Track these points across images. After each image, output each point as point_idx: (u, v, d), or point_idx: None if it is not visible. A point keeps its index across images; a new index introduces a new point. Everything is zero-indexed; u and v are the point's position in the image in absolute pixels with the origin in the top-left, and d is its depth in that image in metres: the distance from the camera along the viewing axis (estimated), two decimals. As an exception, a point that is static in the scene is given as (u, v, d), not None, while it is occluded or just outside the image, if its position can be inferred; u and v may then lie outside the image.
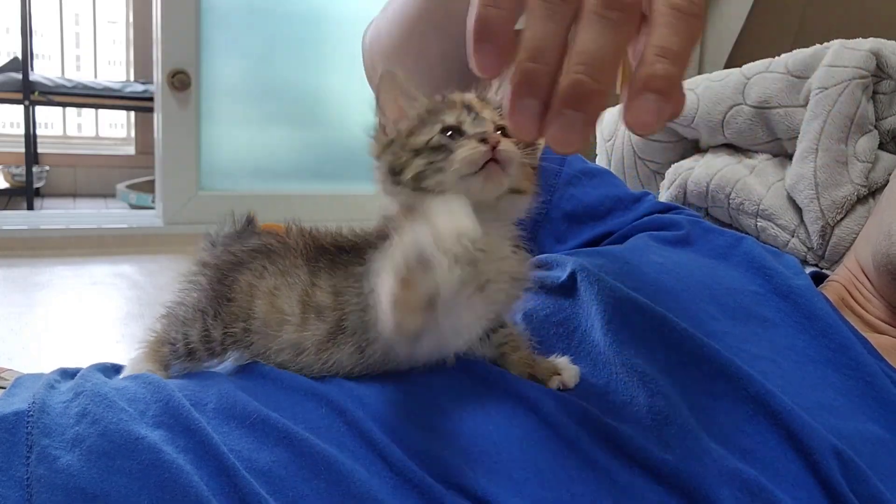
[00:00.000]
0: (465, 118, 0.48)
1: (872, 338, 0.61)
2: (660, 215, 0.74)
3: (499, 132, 0.47)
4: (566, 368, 0.50)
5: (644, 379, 0.48)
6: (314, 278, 0.49)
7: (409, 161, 0.47)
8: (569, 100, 0.34)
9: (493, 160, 0.45)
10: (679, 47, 0.34)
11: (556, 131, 0.35)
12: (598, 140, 1.10)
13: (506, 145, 0.46)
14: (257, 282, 0.50)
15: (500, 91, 0.50)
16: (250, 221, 0.56)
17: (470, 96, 0.50)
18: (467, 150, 0.45)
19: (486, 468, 0.43)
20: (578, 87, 0.34)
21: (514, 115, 0.35)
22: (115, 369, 0.53)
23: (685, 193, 0.94)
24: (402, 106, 0.50)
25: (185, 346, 0.51)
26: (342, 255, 0.50)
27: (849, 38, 0.85)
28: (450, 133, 0.47)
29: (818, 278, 0.76)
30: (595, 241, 0.73)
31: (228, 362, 0.52)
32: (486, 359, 0.51)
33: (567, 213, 0.73)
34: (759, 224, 0.87)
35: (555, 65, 0.35)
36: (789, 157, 0.87)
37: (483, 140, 0.45)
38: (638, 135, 0.36)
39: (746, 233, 0.84)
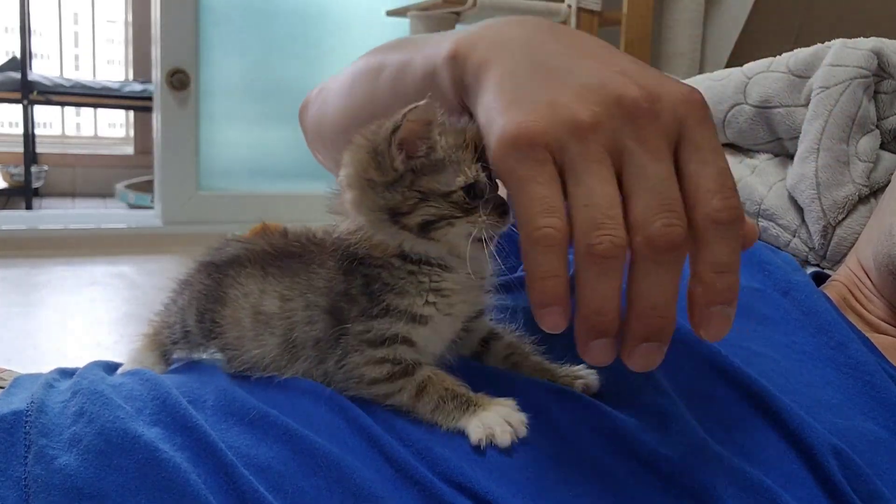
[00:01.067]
0: (480, 175, 0.44)
1: (874, 337, 0.61)
2: None
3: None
4: (588, 373, 0.49)
5: (645, 379, 0.48)
6: (264, 286, 0.48)
7: (419, 206, 0.44)
8: (648, 337, 0.36)
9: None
10: (730, 258, 0.36)
11: (639, 360, 0.37)
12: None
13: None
14: (229, 291, 0.50)
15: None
16: (265, 230, 0.56)
17: (482, 141, 0.45)
18: (490, 223, 0.44)
19: (487, 467, 0.43)
20: (654, 328, 0.36)
21: (591, 354, 0.38)
22: (115, 368, 0.53)
23: (686, 193, 0.94)
24: (421, 144, 0.45)
25: (181, 329, 0.52)
26: (291, 259, 0.49)
27: (850, 38, 0.85)
28: (469, 190, 0.44)
29: (819, 278, 0.75)
30: None
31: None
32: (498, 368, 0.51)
33: None
34: (760, 224, 0.86)
35: (617, 312, 0.37)
36: (790, 156, 0.87)
37: (502, 212, 0.44)
38: (713, 342, 0.38)
39: (748, 233, 0.84)
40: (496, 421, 0.44)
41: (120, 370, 0.52)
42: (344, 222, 0.47)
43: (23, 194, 3.71)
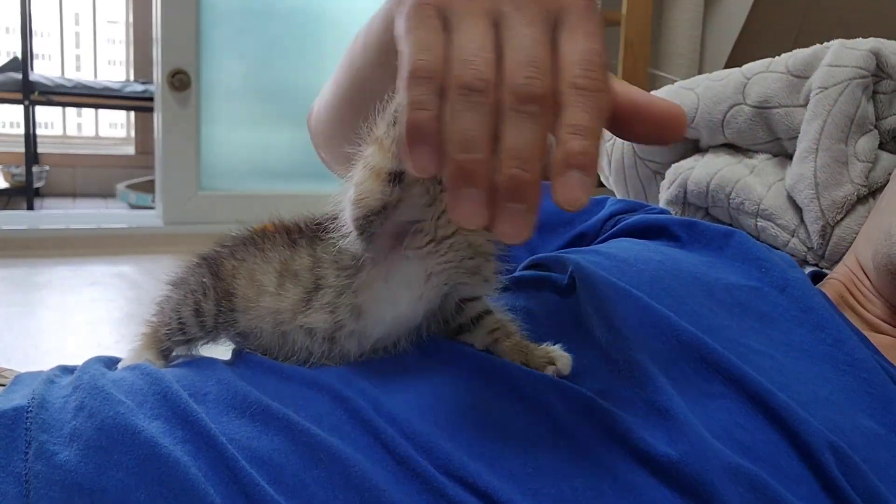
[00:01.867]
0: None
1: (872, 337, 0.61)
2: (640, 220, 0.74)
3: None
4: (560, 357, 0.50)
5: (645, 376, 0.48)
6: (292, 251, 0.51)
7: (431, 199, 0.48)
8: (509, 194, 0.36)
9: None
10: (589, 122, 0.36)
11: (504, 225, 0.36)
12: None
13: None
14: (239, 265, 0.52)
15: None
16: (264, 230, 0.58)
17: None
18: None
19: (487, 461, 0.43)
20: (514, 180, 0.36)
21: (458, 206, 0.36)
22: (116, 363, 0.54)
23: (685, 193, 0.94)
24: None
25: (178, 324, 0.53)
26: (319, 231, 0.51)
27: (849, 38, 0.85)
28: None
29: (818, 278, 0.76)
30: (569, 245, 0.73)
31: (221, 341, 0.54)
32: (479, 346, 0.52)
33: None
34: (759, 224, 0.87)
35: (486, 153, 0.36)
36: (789, 156, 0.87)
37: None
38: (568, 211, 0.38)
39: (747, 233, 0.84)
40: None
41: (119, 366, 0.53)
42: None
43: (24, 194, 3.71)
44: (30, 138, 3.68)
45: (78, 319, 2.04)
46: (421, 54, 0.38)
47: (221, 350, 0.54)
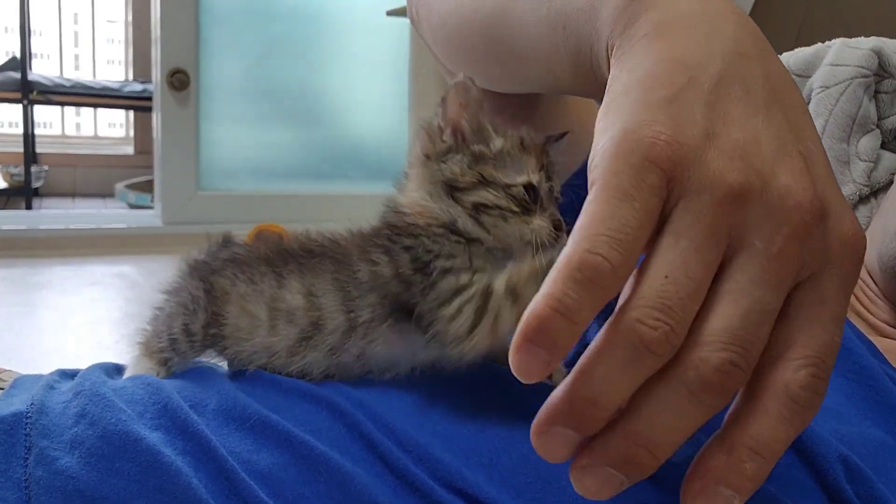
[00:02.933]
0: (543, 183, 0.47)
1: (878, 342, 0.60)
2: None
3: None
4: (556, 371, 0.48)
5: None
6: (281, 283, 0.49)
7: (477, 188, 0.46)
8: (617, 464, 0.28)
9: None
10: (779, 448, 0.28)
11: (591, 481, 0.28)
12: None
13: (562, 241, 0.45)
14: (230, 288, 0.50)
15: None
16: (227, 241, 0.56)
17: (548, 159, 0.49)
18: (544, 230, 0.45)
19: (486, 471, 0.43)
20: (633, 459, 0.28)
21: (546, 437, 0.29)
22: (118, 369, 0.53)
23: (686, 193, 0.94)
24: (466, 119, 0.48)
25: (168, 338, 0.52)
26: (311, 258, 0.49)
27: (851, 37, 0.85)
28: (528, 191, 0.46)
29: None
30: None
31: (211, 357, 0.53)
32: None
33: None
34: (760, 224, 0.86)
35: (613, 413, 0.28)
36: (791, 156, 0.87)
37: (557, 226, 0.45)
38: None
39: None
40: None
41: (123, 377, 0.52)
42: (401, 197, 0.49)
43: (23, 194, 3.71)
44: (28, 138, 3.68)
45: (77, 319, 2.04)
46: (605, 248, 0.27)
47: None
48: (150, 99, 3.33)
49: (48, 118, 4.44)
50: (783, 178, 0.29)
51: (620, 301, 0.28)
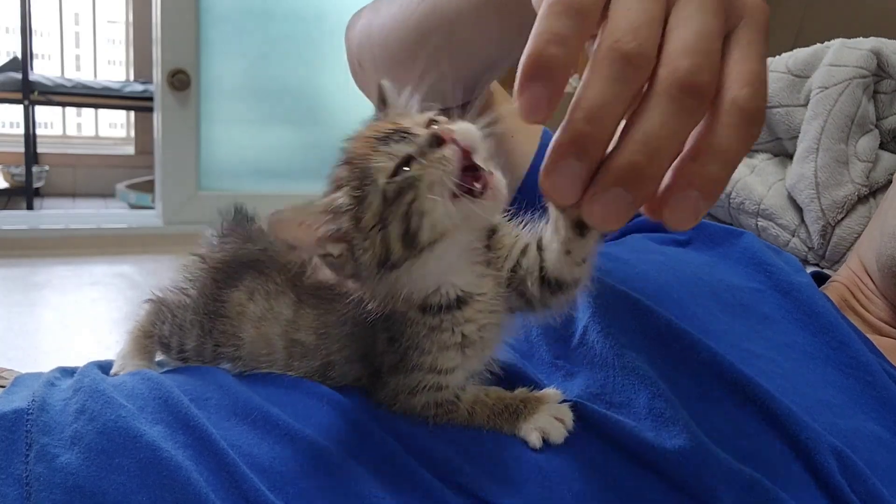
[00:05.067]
0: (399, 147, 0.39)
1: (875, 339, 0.61)
2: None
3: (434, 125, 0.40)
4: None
5: (644, 381, 0.48)
6: (298, 311, 0.46)
7: (386, 231, 0.39)
8: (622, 180, 0.31)
9: (469, 167, 0.38)
10: (737, 152, 0.32)
11: (600, 208, 0.32)
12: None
13: (461, 129, 0.39)
14: (247, 304, 0.48)
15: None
16: (239, 212, 0.53)
17: (381, 124, 0.41)
18: (433, 169, 0.38)
19: (487, 468, 0.43)
20: (636, 169, 0.31)
21: (554, 176, 0.32)
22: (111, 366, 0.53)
23: (685, 193, 0.94)
24: (317, 226, 0.41)
25: (178, 353, 0.51)
26: (324, 287, 0.46)
27: (850, 38, 0.85)
28: (401, 170, 0.39)
29: (819, 278, 0.75)
30: None
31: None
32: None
33: None
34: (759, 224, 0.86)
35: (611, 132, 0.32)
36: (790, 156, 0.87)
37: (436, 142, 0.38)
38: (671, 230, 0.34)
39: (748, 233, 0.84)
40: (548, 422, 0.45)
41: (112, 371, 0.52)
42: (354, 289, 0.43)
43: (24, 194, 3.70)
44: (29, 138, 3.68)
45: (78, 319, 2.04)
46: None
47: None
48: (150, 99, 3.33)
49: (49, 118, 4.44)
50: None
51: (596, 43, 0.33)
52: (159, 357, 0.55)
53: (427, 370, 0.43)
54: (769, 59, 0.91)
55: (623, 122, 0.33)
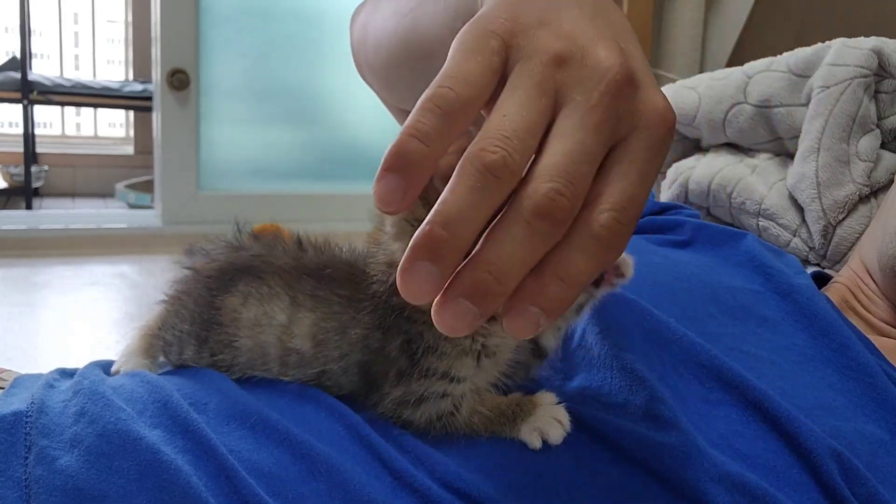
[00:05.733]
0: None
1: (876, 341, 0.60)
2: (654, 217, 0.73)
3: None
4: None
5: (642, 383, 0.48)
6: (293, 314, 0.46)
7: None
8: (469, 294, 0.31)
9: None
10: (584, 275, 0.32)
11: (449, 316, 0.31)
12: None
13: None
14: (241, 309, 0.48)
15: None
16: (255, 236, 0.53)
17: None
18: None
19: (484, 472, 0.43)
20: (483, 286, 0.31)
21: (409, 275, 0.31)
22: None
23: (686, 193, 0.94)
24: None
25: (177, 359, 0.51)
26: (324, 284, 0.46)
27: (851, 37, 0.85)
28: None
29: (821, 279, 0.75)
30: None
31: None
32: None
33: None
34: (760, 224, 0.86)
35: (468, 240, 0.31)
36: (791, 156, 0.87)
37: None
38: (511, 336, 0.34)
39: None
40: (546, 423, 0.45)
41: (113, 368, 0.52)
42: (382, 254, 0.44)
43: (23, 194, 3.70)
44: (28, 138, 3.68)
45: (77, 319, 2.04)
46: (456, 84, 0.32)
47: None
48: (150, 99, 3.33)
49: (48, 118, 4.44)
50: (601, 50, 0.34)
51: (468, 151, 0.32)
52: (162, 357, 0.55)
53: (438, 376, 0.43)
54: (770, 59, 0.90)
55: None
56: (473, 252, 0.31)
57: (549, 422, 0.45)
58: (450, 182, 0.31)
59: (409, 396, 0.44)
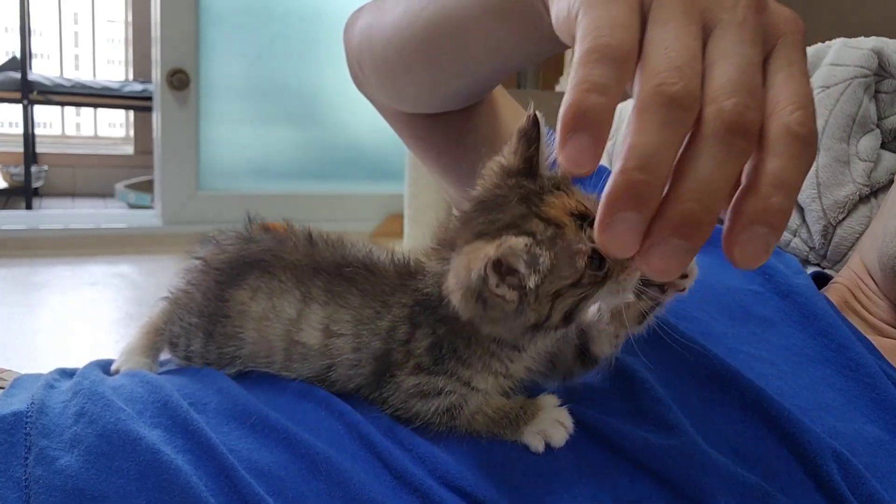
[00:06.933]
0: (584, 237, 0.40)
1: (876, 341, 0.60)
2: None
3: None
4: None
5: (642, 385, 0.48)
6: (303, 309, 0.46)
7: (554, 307, 0.41)
8: (680, 230, 0.30)
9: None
10: (796, 180, 0.31)
11: (658, 259, 0.31)
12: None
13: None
14: (249, 302, 0.48)
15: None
16: (265, 229, 0.53)
17: (573, 200, 0.41)
18: (631, 280, 0.41)
19: (485, 471, 0.43)
20: (693, 218, 0.30)
21: (611, 230, 0.30)
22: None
23: (686, 193, 0.94)
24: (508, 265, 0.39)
25: (185, 353, 0.51)
26: (340, 282, 0.46)
27: (851, 37, 0.85)
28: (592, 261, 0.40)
29: (821, 279, 0.75)
30: None
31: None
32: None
33: None
34: (760, 223, 0.86)
35: (666, 178, 0.31)
36: (791, 156, 0.87)
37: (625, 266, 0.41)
38: (744, 268, 0.33)
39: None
40: (549, 425, 0.45)
41: (113, 367, 0.52)
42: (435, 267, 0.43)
43: (23, 194, 3.70)
44: (28, 138, 3.68)
45: (77, 319, 2.04)
46: (613, 32, 0.31)
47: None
48: (150, 99, 3.33)
49: (48, 118, 4.44)
50: None
51: (636, 87, 0.32)
52: (164, 356, 0.55)
53: (456, 379, 0.44)
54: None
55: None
56: (669, 187, 0.31)
57: (552, 424, 0.45)
58: (632, 125, 0.31)
59: (423, 386, 0.44)
